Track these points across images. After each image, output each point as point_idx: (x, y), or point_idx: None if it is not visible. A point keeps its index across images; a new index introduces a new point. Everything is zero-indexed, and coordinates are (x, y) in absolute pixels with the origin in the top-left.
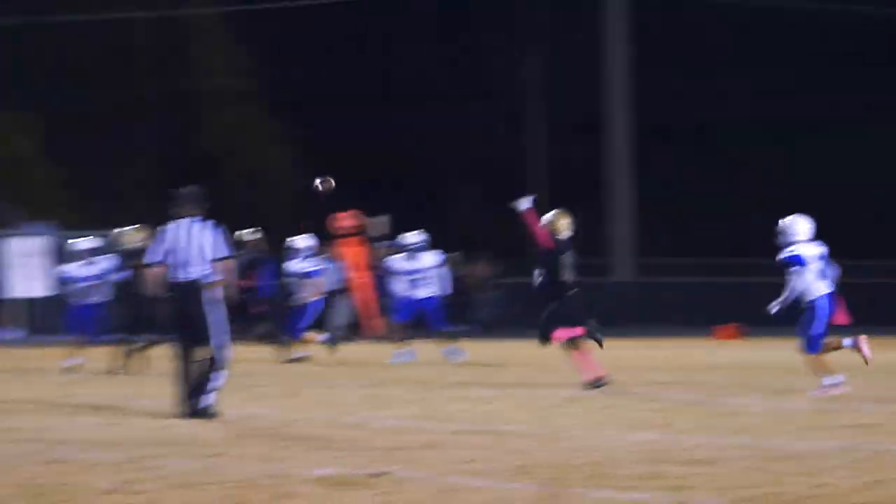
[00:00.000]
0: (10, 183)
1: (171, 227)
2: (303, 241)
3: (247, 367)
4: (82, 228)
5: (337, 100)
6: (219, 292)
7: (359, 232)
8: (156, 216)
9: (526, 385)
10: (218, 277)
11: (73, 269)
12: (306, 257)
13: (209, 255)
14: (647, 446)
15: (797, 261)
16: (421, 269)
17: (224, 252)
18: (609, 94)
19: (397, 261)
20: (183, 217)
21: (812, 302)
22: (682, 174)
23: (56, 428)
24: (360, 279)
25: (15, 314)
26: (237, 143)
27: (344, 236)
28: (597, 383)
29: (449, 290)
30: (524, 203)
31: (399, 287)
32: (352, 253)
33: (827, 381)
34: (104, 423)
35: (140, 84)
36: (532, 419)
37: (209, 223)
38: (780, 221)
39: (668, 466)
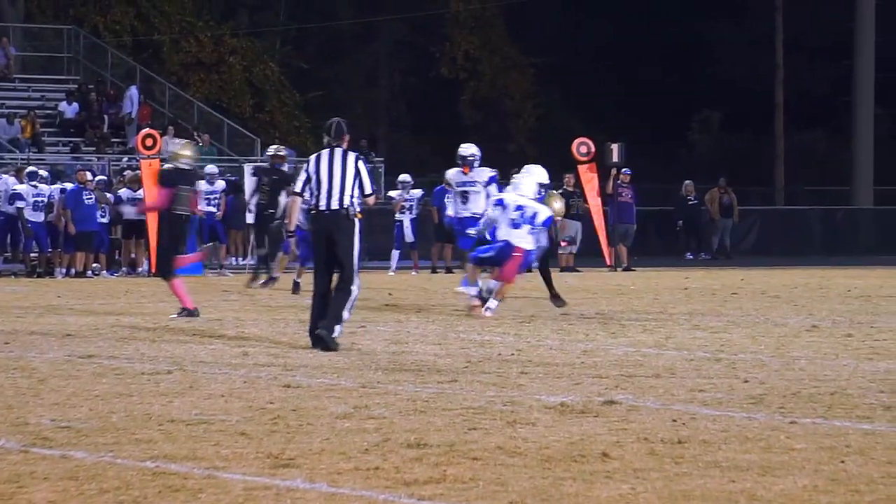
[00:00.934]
0: (256, 107)
1: (315, 156)
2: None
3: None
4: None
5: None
6: (359, 224)
7: (592, 159)
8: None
9: (762, 313)
10: (360, 209)
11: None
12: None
13: (355, 187)
14: (882, 376)
15: (499, 203)
16: None
17: (370, 188)
18: (860, 18)
19: None
20: (329, 147)
21: (496, 240)
22: None
23: (291, 354)
24: (594, 207)
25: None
26: (477, 67)
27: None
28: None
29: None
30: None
31: None
32: (585, 180)
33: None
34: (338, 350)
35: (380, 8)
36: (767, 349)
37: (354, 154)
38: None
39: None
